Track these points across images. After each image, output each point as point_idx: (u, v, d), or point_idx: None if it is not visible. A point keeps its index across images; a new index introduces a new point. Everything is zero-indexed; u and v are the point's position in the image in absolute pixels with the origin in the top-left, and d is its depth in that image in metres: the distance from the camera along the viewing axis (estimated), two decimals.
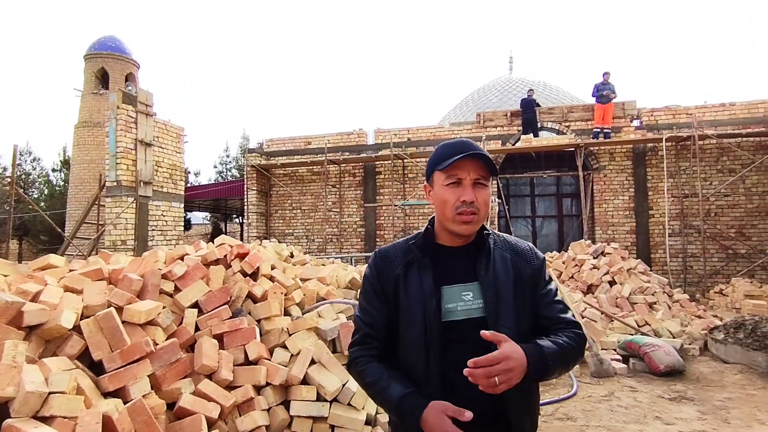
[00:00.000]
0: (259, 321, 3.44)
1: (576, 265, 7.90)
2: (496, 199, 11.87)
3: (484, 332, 1.07)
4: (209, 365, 2.90)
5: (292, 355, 3.22)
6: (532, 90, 12.79)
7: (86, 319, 2.61)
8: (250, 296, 3.60)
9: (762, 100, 10.68)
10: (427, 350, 1.18)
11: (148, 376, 2.58)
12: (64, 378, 2.13)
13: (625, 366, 4.62)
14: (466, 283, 1.22)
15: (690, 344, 5.50)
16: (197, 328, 3.24)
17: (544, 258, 1.33)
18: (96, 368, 2.51)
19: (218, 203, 21.99)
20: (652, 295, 6.86)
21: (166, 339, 2.96)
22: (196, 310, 3.31)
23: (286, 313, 3.70)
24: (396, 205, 12.17)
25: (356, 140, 13.31)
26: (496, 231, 1.36)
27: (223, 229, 27.07)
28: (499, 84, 20.37)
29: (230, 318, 3.31)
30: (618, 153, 11.46)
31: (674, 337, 5.69)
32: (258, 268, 3.85)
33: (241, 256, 3.89)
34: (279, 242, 7.66)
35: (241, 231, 26.56)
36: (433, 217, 1.33)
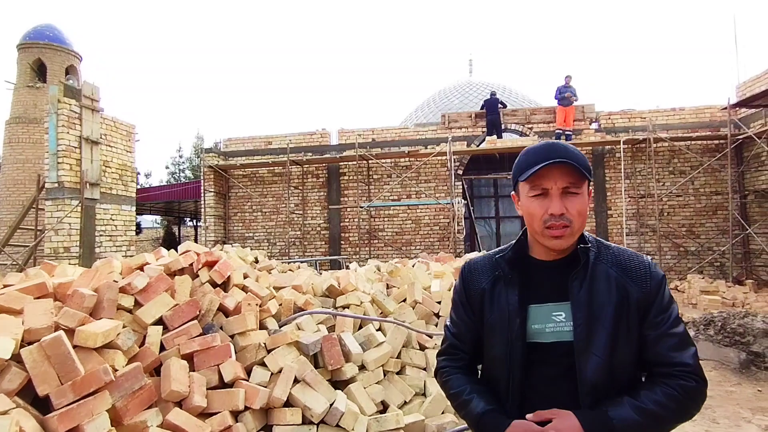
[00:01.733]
0: (232, 337, 3.10)
1: None
2: (462, 200, 11.89)
3: (528, 416, 1.03)
4: (179, 391, 2.54)
5: (272, 374, 2.91)
6: (495, 91, 12.93)
7: (28, 346, 2.20)
8: (222, 309, 3.25)
9: (708, 106, 11.28)
10: (509, 371, 1.11)
11: (107, 410, 2.20)
12: (3, 423, 1.74)
13: None
14: (559, 303, 1.10)
15: None
16: (162, 348, 2.86)
17: (663, 276, 1.11)
18: (42, 405, 2.11)
19: (171, 206, 20.88)
20: None
21: (127, 363, 2.58)
22: (161, 327, 2.93)
23: (262, 326, 3.37)
24: (362, 207, 11.91)
25: (319, 140, 12.95)
26: (604, 241, 1.18)
27: (176, 234, 25.78)
28: (460, 86, 20.58)
29: (200, 335, 2.96)
30: None
31: None
32: (229, 277, 3.51)
33: (210, 265, 3.53)
34: (231, 246, 7.23)
35: (196, 235, 25.38)
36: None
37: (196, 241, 24.71)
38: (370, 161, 12.34)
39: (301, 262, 10.15)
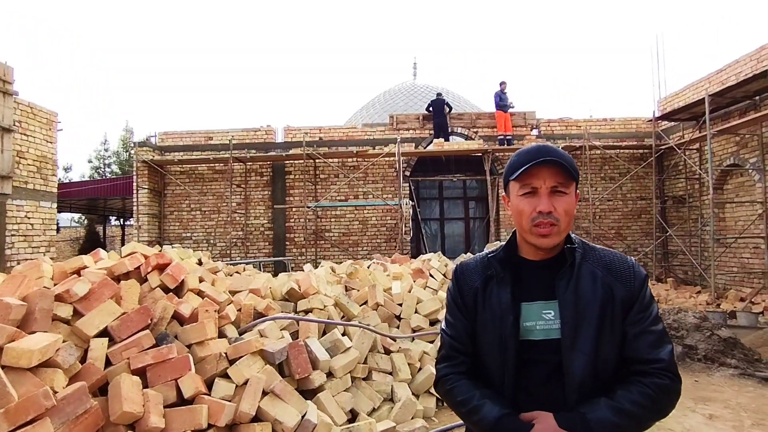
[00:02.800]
0: (189, 347, 2.82)
1: None
2: (409, 202, 11.96)
3: (523, 414, 1.07)
4: (132, 411, 2.25)
5: (237, 387, 2.67)
6: (441, 93, 13.14)
7: None
8: (176, 317, 2.95)
9: (635, 118, 12.22)
10: (502, 368, 1.13)
11: None
12: None
13: None
14: (548, 301, 1.13)
15: None
16: (109, 363, 2.54)
17: (646, 276, 1.15)
18: None
19: (95, 203, 19.19)
20: None
21: (69, 383, 2.24)
22: (106, 339, 2.60)
23: (220, 334, 3.10)
24: (308, 207, 11.61)
25: (264, 137, 12.46)
26: (589, 243, 1.22)
27: (101, 233, 23.75)
28: (405, 88, 20.78)
29: (154, 346, 2.66)
30: None
31: None
32: (183, 281, 3.20)
33: (161, 268, 3.20)
34: (171, 246, 6.73)
35: (123, 234, 23.53)
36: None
37: (123, 241, 22.89)
38: (317, 160, 12.07)
39: (246, 263, 9.69)
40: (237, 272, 6.34)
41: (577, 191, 1.15)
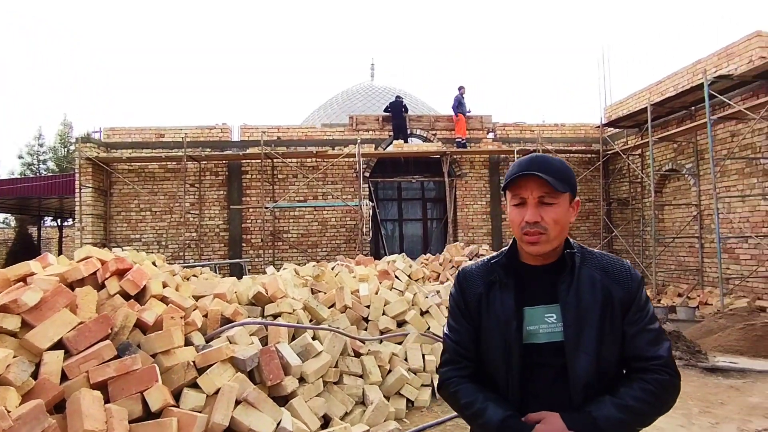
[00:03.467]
0: (154, 356, 2.67)
1: (453, 266, 8.33)
2: (369, 203, 11.96)
3: (530, 415, 1.09)
4: (93, 429, 2.11)
5: (207, 397, 2.56)
6: (399, 95, 13.25)
7: None
8: (139, 325, 2.79)
9: (583, 124, 12.86)
10: (507, 372, 1.15)
11: None
12: None
13: None
14: (550, 305, 1.16)
15: None
16: (65, 378, 2.36)
17: (642, 278, 1.21)
18: None
19: (27, 202, 17.77)
20: None
21: (22, 402, 2.06)
22: (62, 351, 2.41)
23: (187, 342, 2.96)
24: (266, 208, 11.34)
25: (219, 136, 12.04)
26: (587, 248, 1.26)
27: (34, 236, 22.05)
28: (363, 89, 20.75)
29: (116, 357, 2.49)
30: (477, 162, 12.57)
31: None
32: (145, 286, 3.02)
33: (120, 273, 3.01)
34: (122, 249, 6.36)
35: (61, 236, 21.96)
36: None
37: (61, 244, 21.36)
38: (275, 160, 11.81)
39: (201, 266, 9.32)
40: (194, 275, 6.09)
41: (577, 198, 1.19)
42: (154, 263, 5.87)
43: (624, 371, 1.17)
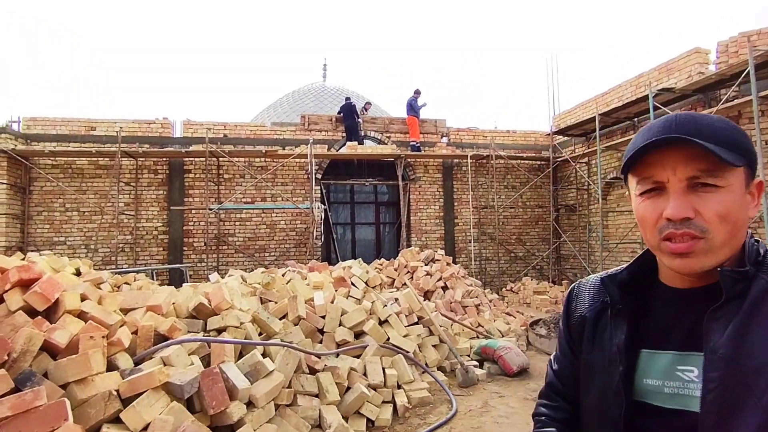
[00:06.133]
0: (65, 386, 2.19)
1: (408, 272, 8.11)
2: (321, 206, 11.55)
3: None
4: None
5: None
6: (350, 98, 12.97)
7: None
8: (48, 348, 2.29)
9: (533, 131, 13.17)
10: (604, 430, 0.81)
11: None
12: None
13: (484, 371, 4.75)
14: (691, 352, 0.74)
15: (517, 341, 6.10)
16: None
17: None
18: None
19: None
20: (476, 297, 7.49)
21: None
22: None
23: (110, 366, 2.49)
24: (211, 209, 10.62)
25: (159, 131, 11.16)
26: None
27: None
28: (315, 89, 20.28)
29: (13, 391, 2.00)
30: (431, 166, 12.51)
31: (502, 336, 6.24)
32: (57, 300, 2.51)
33: (26, 284, 2.49)
34: (39, 254, 5.61)
35: None
36: None
37: None
38: (221, 159, 11.12)
39: (136, 271, 8.51)
40: (126, 283, 5.46)
41: (756, 178, 0.75)
42: (77, 270, 5.18)
43: None
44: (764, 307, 0.68)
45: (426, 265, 8.11)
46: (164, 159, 10.99)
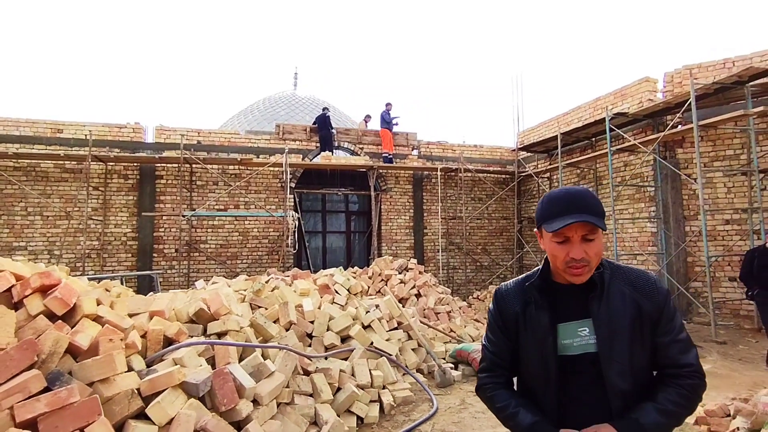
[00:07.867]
0: (91, 385, 2.34)
1: (382, 280, 8.40)
2: (295, 214, 11.67)
3: (585, 430, 1.18)
4: None
5: (159, 429, 2.29)
6: (327, 108, 13.21)
7: None
8: (71, 350, 2.43)
9: (499, 147, 13.83)
10: (545, 383, 1.28)
11: None
12: None
13: (459, 373, 5.09)
14: (582, 320, 1.27)
15: None
16: None
17: (668, 291, 1.31)
18: None
19: None
20: (448, 305, 7.86)
21: None
22: None
23: (127, 367, 2.64)
24: (183, 216, 10.55)
25: (131, 136, 11.00)
26: (614, 263, 1.35)
27: None
28: (286, 98, 20.35)
29: (46, 390, 2.15)
30: (402, 177, 12.90)
31: (473, 340, 6.62)
32: (75, 305, 2.65)
33: (45, 290, 2.61)
34: (12, 258, 5.53)
35: None
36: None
37: None
38: (194, 165, 11.08)
39: (104, 278, 8.36)
40: (107, 289, 5.48)
41: (604, 229, 1.25)
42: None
43: (655, 375, 1.30)
44: (611, 288, 1.27)
45: (400, 273, 8.42)
46: (135, 164, 10.84)
